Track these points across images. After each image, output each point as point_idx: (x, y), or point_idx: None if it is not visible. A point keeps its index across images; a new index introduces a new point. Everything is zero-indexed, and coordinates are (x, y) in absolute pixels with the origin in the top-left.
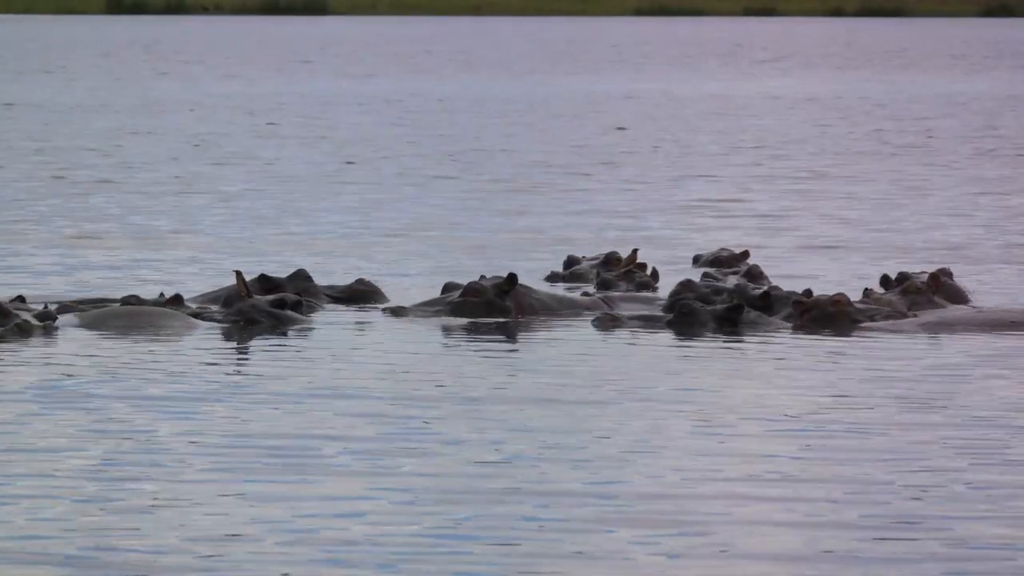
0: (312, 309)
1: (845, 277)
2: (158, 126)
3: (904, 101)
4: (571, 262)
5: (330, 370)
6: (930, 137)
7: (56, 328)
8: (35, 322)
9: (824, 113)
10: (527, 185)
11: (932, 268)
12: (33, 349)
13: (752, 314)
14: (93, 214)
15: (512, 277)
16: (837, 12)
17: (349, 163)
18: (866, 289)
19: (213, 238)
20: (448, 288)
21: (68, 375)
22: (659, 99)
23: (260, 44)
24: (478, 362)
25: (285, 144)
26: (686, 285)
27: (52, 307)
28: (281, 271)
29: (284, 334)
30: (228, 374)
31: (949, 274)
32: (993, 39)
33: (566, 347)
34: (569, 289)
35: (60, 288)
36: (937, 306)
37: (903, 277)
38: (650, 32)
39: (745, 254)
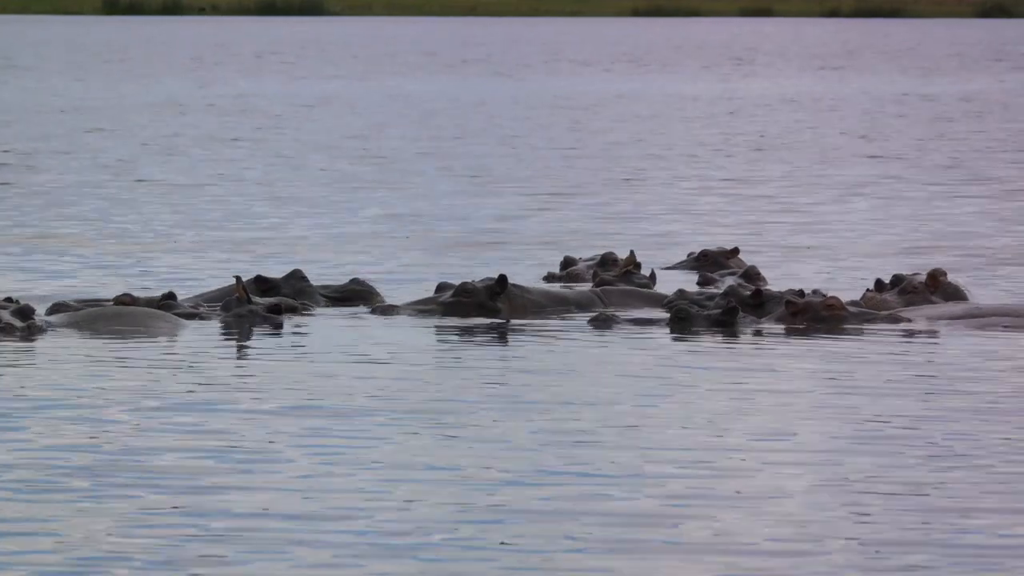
0: (308, 310)
1: (839, 278)
2: (127, 127)
3: (891, 101)
4: (567, 263)
5: (319, 372)
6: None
7: (38, 325)
8: (16, 322)
9: (812, 114)
10: (525, 185)
11: (919, 270)
12: (8, 351)
13: (748, 317)
14: (51, 214)
15: (502, 279)
16: (833, 13)
17: (338, 161)
18: (867, 290)
19: (197, 239)
20: (442, 289)
21: (38, 378)
22: (650, 99)
23: (249, 44)
24: (467, 363)
25: (277, 144)
26: (680, 295)
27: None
28: (271, 271)
29: (276, 337)
30: (217, 375)
31: (943, 273)
32: (987, 40)
33: (559, 349)
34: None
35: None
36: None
37: (898, 280)
38: (645, 32)
39: (735, 251)
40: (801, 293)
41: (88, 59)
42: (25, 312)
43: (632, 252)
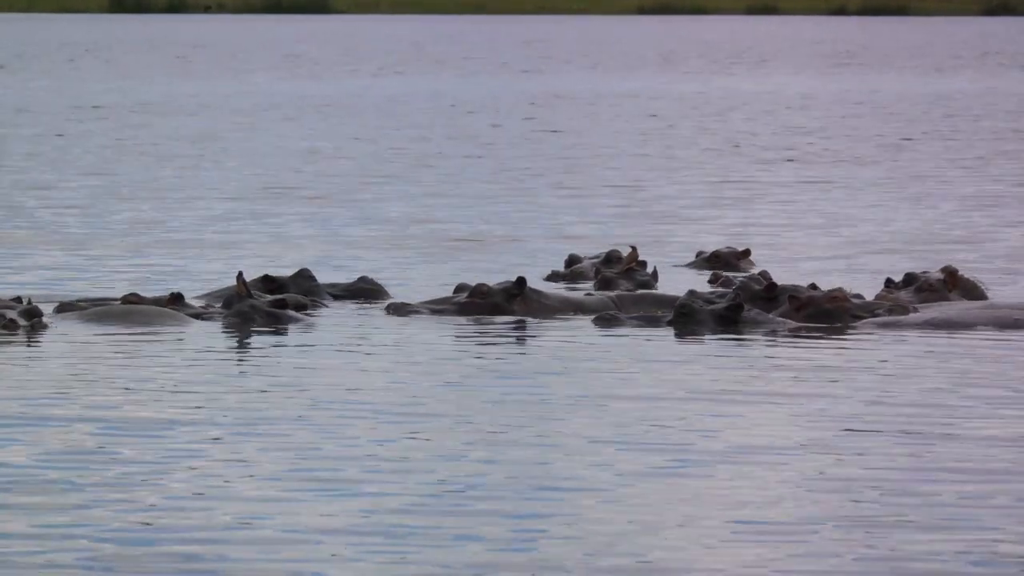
0: (318, 309)
1: (846, 276)
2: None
3: (890, 100)
4: (572, 260)
5: (327, 370)
6: (917, 136)
7: (44, 325)
8: (22, 320)
9: (814, 112)
10: (525, 183)
11: (914, 267)
12: (13, 348)
13: (752, 312)
14: (25, 215)
15: (520, 281)
16: (840, 11)
17: (340, 161)
18: (884, 288)
19: (192, 239)
20: (461, 289)
21: (44, 375)
22: (643, 98)
23: (244, 42)
24: (477, 362)
25: (269, 140)
26: (691, 295)
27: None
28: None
29: (283, 334)
30: (219, 374)
31: (955, 271)
32: (988, 36)
33: (566, 347)
34: (570, 287)
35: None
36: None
37: (910, 278)
38: (650, 30)
39: (747, 252)
40: (814, 287)
41: (78, 57)
42: (32, 312)
43: (634, 248)
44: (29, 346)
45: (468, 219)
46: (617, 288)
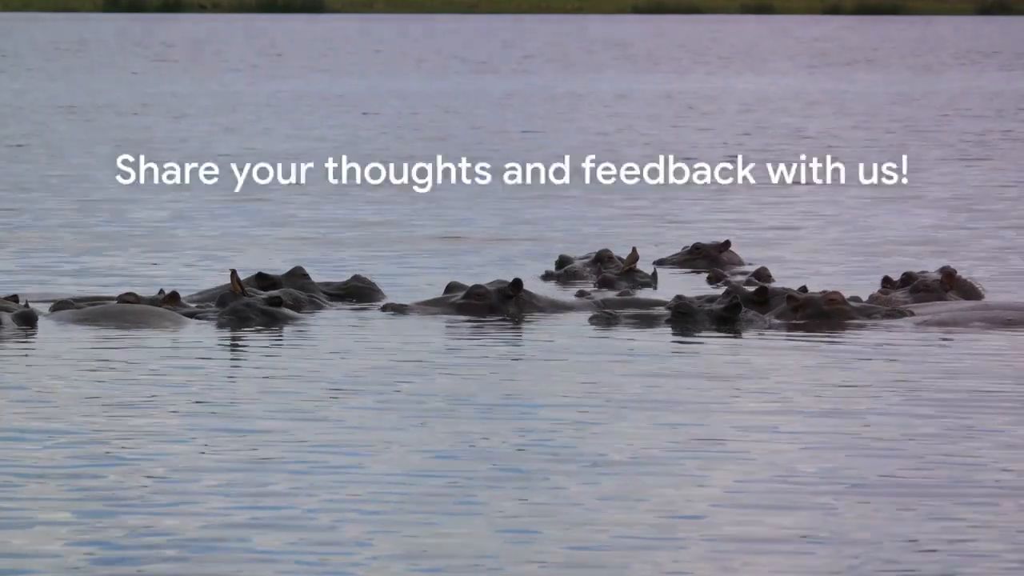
0: (316, 306)
1: (842, 278)
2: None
3: (885, 99)
4: (563, 261)
5: (324, 369)
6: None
7: (35, 331)
8: (15, 324)
9: (810, 113)
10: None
11: (911, 268)
12: (8, 349)
13: (750, 313)
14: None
15: (517, 283)
16: (835, 10)
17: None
18: (880, 290)
19: (181, 239)
20: (451, 288)
21: (40, 375)
22: (647, 97)
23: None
24: (475, 361)
25: (252, 139)
26: (679, 300)
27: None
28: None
29: (279, 332)
30: (217, 375)
31: (953, 271)
32: (982, 36)
33: (564, 348)
34: (564, 287)
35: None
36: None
37: (908, 277)
38: (646, 30)
39: (727, 244)
40: (805, 289)
41: (63, 56)
42: (27, 318)
43: (635, 249)
44: (23, 346)
45: (457, 219)
46: (618, 289)
